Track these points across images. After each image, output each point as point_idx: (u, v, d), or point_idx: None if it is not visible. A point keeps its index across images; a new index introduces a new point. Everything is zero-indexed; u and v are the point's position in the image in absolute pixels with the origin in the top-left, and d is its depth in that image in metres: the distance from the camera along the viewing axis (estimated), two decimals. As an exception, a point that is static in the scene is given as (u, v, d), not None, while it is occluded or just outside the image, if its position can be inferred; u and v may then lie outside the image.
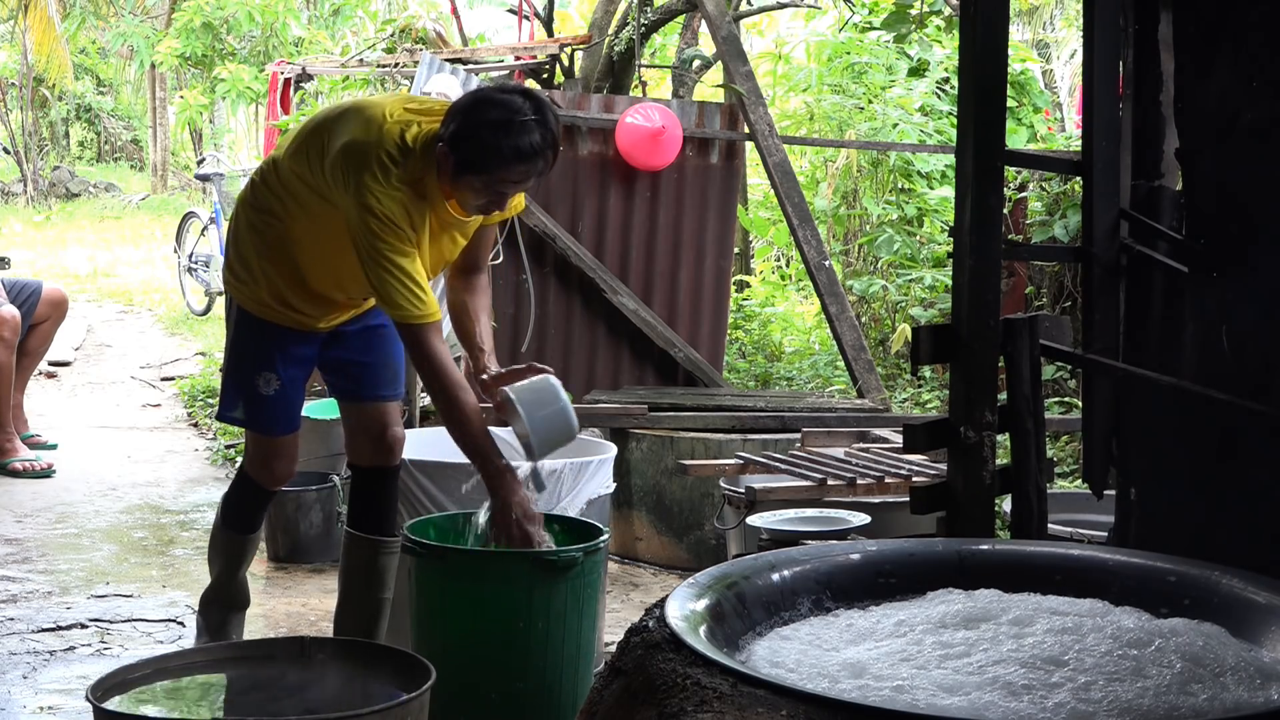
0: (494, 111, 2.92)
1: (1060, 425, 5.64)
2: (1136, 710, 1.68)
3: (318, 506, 4.93)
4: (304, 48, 16.16)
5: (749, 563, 2.16)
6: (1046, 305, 7.06)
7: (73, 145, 25.73)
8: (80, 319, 10.08)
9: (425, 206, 3.02)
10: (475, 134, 2.92)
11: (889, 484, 4.07)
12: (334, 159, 2.99)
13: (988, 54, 2.68)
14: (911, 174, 8.31)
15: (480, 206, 3.04)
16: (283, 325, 3.27)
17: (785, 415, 5.42)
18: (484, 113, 2.93)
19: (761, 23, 11.20)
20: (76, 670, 3.68)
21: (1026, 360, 2.72)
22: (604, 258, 6.04)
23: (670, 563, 5.15)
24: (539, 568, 3.09)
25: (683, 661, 1.74)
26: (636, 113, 5.91)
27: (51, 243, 15.78)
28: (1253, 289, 2.49)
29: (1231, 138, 2.52)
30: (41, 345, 6.43)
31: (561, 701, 3.16)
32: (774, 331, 8.46)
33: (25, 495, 5.69)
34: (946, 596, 2.10)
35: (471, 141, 2.92)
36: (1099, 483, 2.81)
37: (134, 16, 20.04)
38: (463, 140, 2.92)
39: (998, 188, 2.70)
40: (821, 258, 6.15)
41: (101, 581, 4.56)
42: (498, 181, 2.96)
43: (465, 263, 3.31)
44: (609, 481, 3.93)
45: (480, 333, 3.31)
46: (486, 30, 12.57)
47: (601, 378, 6.08)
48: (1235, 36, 2.52)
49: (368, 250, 2.93)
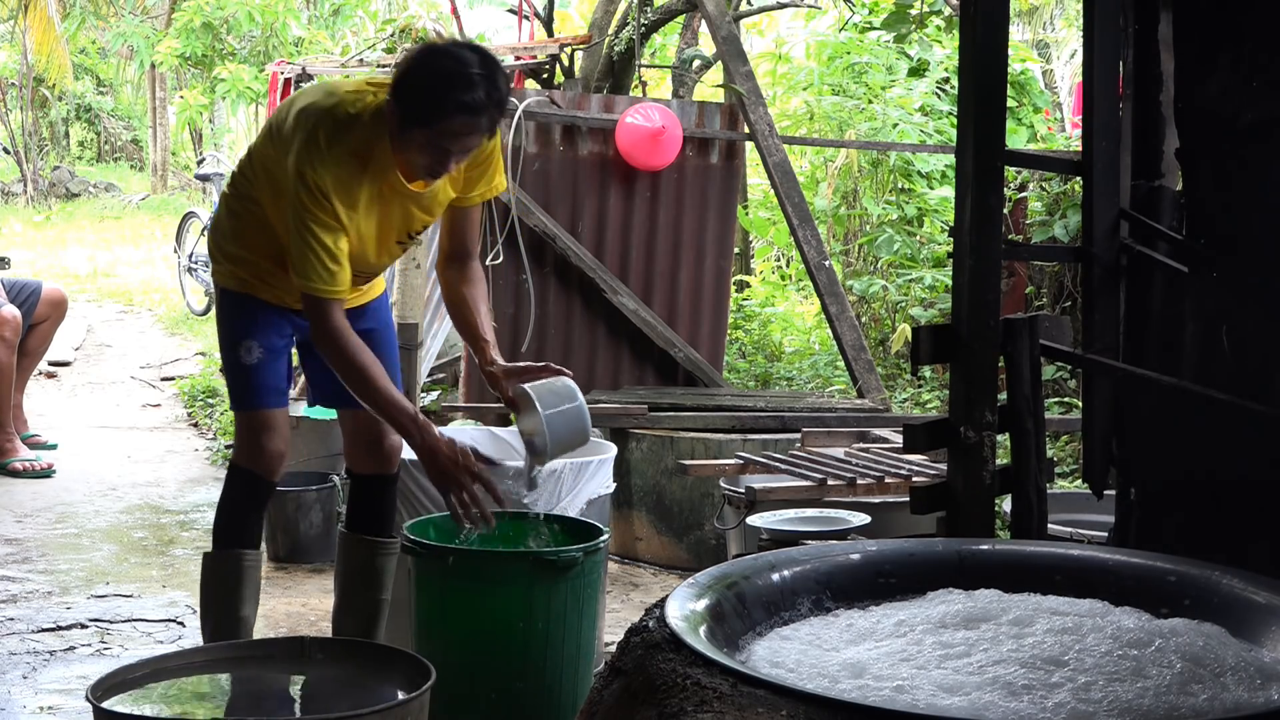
0: (441, 62, 2.89)
1: (1060, 425, 5.64)
2: (1136, 710, 1.68)
3: (318, 506, 4.94)
4: (304, 48, 16.17)
5: (749, 563, 2.16)
6: (1046, 305, 7.06)
7: (73, 145, 25.72)
8: (80, 319, 10.08)
9: (368, 178, 2.99)
10: (420, 83, 2.88)
11: (889, 484, 4.07)
12: (288, 127, 3.00)
13: (988, 54, 2.68)
14: (911, 174, 8.32)
15: (425, 167, 2.97)
16: (262, 298, 3.24)
17: (785, 415, 5.42)
18: (431, 63, 2.90)
19: (761, 23, 11.20)
20: (76, 670, 3.68)
21: (1026, 360, 2.72)
22: (604, 258, 6.04)
23: (670, 563, 5.15)
24: (539, 568, 3.10)
25: (683, 661, 1.74)
26: (636, 113, 5.91)
27: (51, 243, 15.77)
28: (1253, 289, 2.50)
29: (1231, 138, 2.52)
30: (41, 345, 6.43)
31: (561, 701, 3.16)
32: (774, 331, 8.47)
33: (25, 495, 5.69)
34: (946, 596, 2.10)
35: (415, 91, 2.88)
36: (1099, 483, 2.81)
37: (134, 16, 20.04)
38: (407, 90, 2.89)
39: (998, 188, 2.70)
40: (821, 258, 6.15)
41: (101, 581, 4.56)
42: (439, 135, 2.89)
43: (452, 249, 3.28)
44: (609, 481, 3.93)
45: (481, 324, 3.28)
46: (486, 30, 12.57)
47: (601, 378, 6.08)
48: (1235, 36, 2.52)
49: (294, 216, 2.94)
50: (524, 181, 5.89)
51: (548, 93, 6.27)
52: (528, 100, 5.93)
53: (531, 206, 5.87)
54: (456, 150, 2.95)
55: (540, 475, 3.33)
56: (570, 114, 5.98)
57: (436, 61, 2.90)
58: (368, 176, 2.99)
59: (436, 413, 5.66)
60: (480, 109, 2.87)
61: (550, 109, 5.97)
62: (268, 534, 5.01)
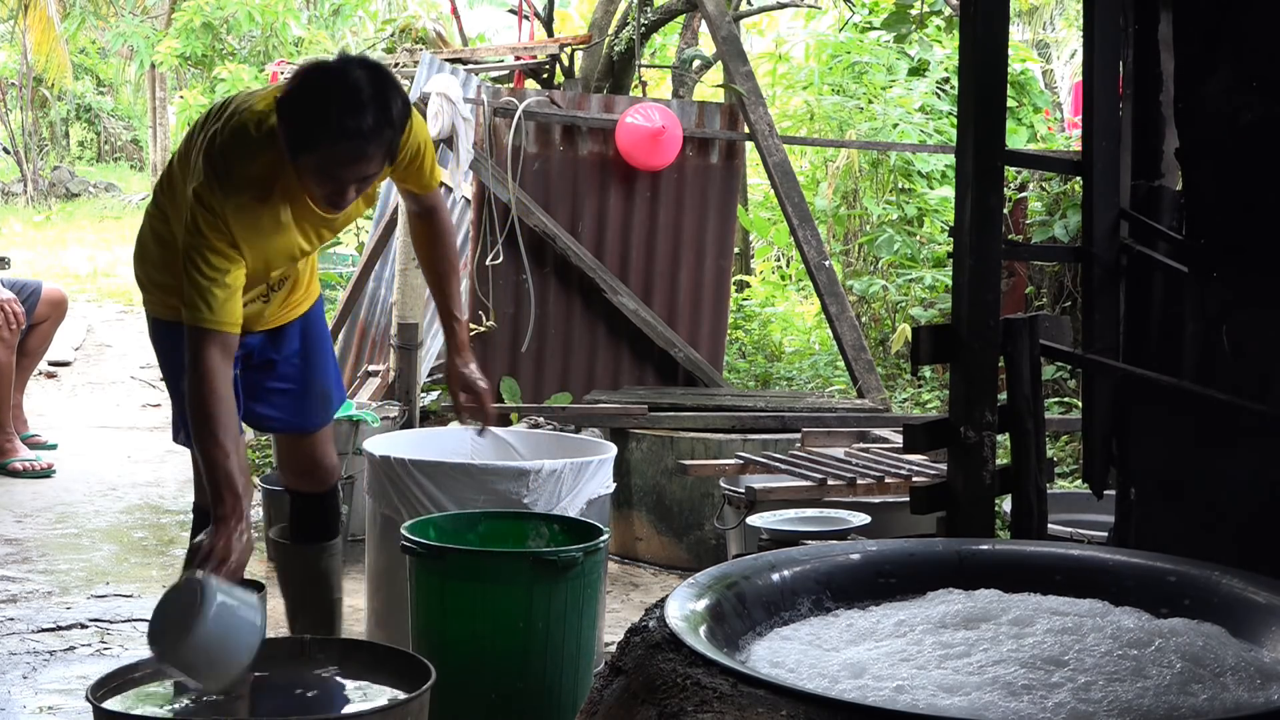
0: (325, 82, 2.66)
1: (1060, 425, 5.65)
2: (1136, 710, 1.68)
3: (318, 506, 4.93)
4: (304, 48, 16.15)
5: (749, 563, 2.16)
6: (1046, 305, 7.06)
7: (73, 145, 25.73)
8: (80, 319, 10.08)
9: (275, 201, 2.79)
10: (302, 107, 2.65)
11: (889, 484, 4.07)
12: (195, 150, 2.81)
13: (988, 54, 2.68)
14: (911, 174, 8.32)
15: (325, 197, 2.76)
16: None
17: (785, 415, 5.42)
18: (314, 84, 2.67)
19: (761, 23, 11.20)
20: (76, 670, 3.68)
21: (1026, 360, 2.72)
22: (604, 258, 6.04)
23: (670, 563, 5.15)
24: (539, 568, 3.10)
25: (683, 661, 1.74)
26: (636, 113, 5.91)
27: (51, 243, 15.78)
28: (1253, 289, 2.50)
29: (1231, 138, 2.52)
30: (41, 345, 6.43)
31: (561, 701, 3.16)
32: (774, 331, 8.47)
33: (25, 495, 5.69)
34: (946, 596, 2.10)
35: (298, 116, 2.65)
36: (1099, 483, 2.81)
37: (134, 16, 20.02)
38: (290, 114, 2.66)
39: (998, 188, 2.70)
40: (821, 258, 6.15)
41: (101, 581, 4.56)
42: (328, 163, 2.67)
43: (416, 206, 3.13)
44: (609, 481, 3.93)
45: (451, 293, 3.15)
46: (486, 30, 12.58)
47: (601, 378, 6.08)
48: (1235, 36, 2.52)
49: (186, 242, 2.73)
50: (524, 181, 5.89)
51: (548, 93, 6.28)
52: (528, 100, 5.93)
53: (531, 206, 5.87)
54: (351, 179, 2.72)
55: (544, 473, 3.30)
56: (570, 114, 5.98)
57: (320, 82, 2.67)
58: (274, 199, 2.80)
59: (436, 413, 5.66)
60: (368, 135, 2.63)
61: (550, 109, 5.97)
62: (267, 534, 5.02)
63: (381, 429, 5.00)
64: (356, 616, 4.24)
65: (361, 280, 6.64)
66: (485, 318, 5.91)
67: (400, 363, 5.33)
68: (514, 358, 5.99)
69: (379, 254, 6.60)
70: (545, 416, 5.17)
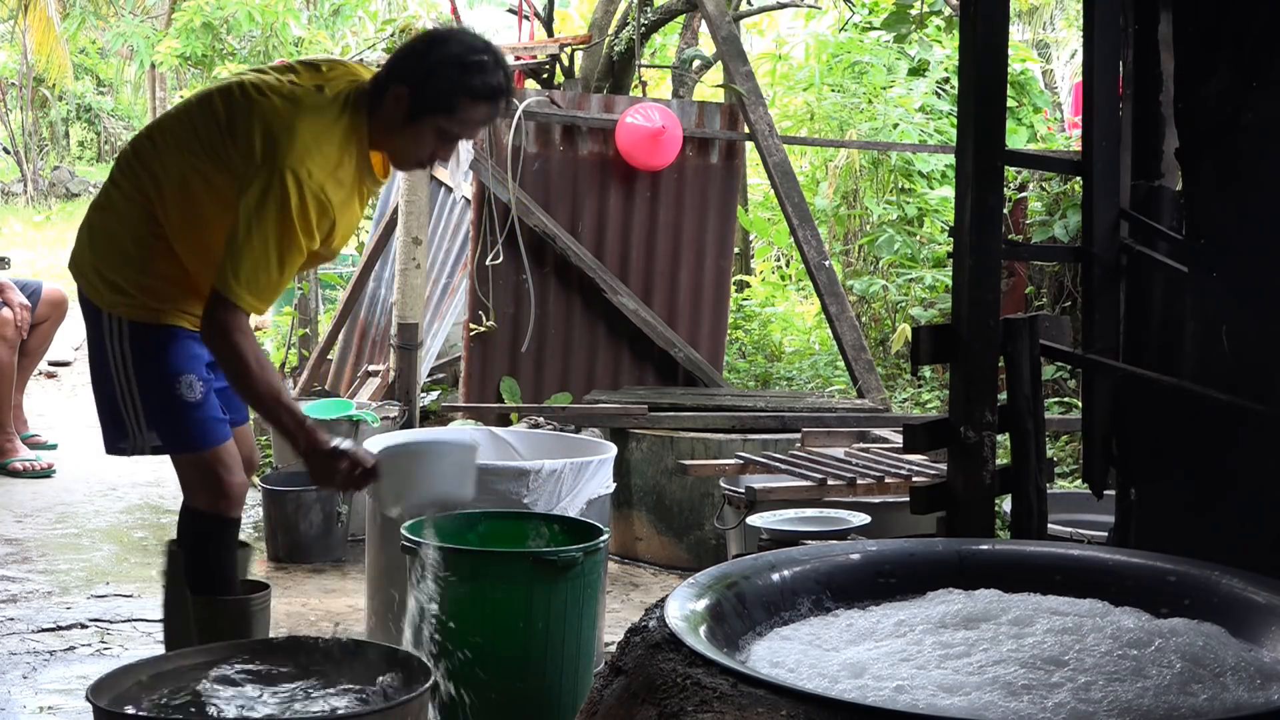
0: (457, 49, 2.80)
1: (1060, 425, 5.65)
2: (1136, 710, 1.68)
3: (317, 506, 4.93)
4: (304, 48, 16.13)
5: (749, 563, 2.16)
6: (1046, 305, 7.06)
7: (73, 145, 25.71)
8: (80, 319, 10.07)
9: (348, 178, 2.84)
10: (440, 71, 2.78)
11: (889, 484, 4.07)
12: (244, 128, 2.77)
13: (988, 54, 2.68)
14: (912, 174, 8.32)
15: (427, 156, 2.90)
16: (180, 326, 2.98)
17: (785, 415, 5.42)
18: (446, 50, 2.81)
19: (761, 23, 11.19)
20: (76, 670, 3.68)
21: (1026, 360, 2.72)
22: (604, 258, 6.04)
23: (670, 563, 5.15)
24: (539, 568, 3.09)
25: (683, 661, 1.74)
26: (636, 113, 5.91)
27: (51, 243, 15.76)
28: (1253, 289, 2.50)
29: (1231, 138, 2.52)
30: (41, 345, 6.43)
31: (561, 701, 3.16)
32: (774, 331, 8.47)
33: (25, 495, 5.69)
34: (946, 596, 2.10)
35: (436, 79, 2.78)
36: (1099, 483, 2.81)
37: (134, 16, 20.02)
38: (426, 78, 2.78)
39: (998, 188, 2.70)
40: (821, 258, 6.15)
41: (101, 581, 4.56)
42: (458, 123, 2.83)
43: None
44: (609, 481, 3.93)
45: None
46: (487, 30, 12.57)
47: (601, 378, 6.08)
48: (1235, 36, 2.52)
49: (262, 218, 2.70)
50: (524, 181, 5.89)
51: (548, 93, 6.27)
52: (528, 100, 5.93)
53: (531, 206, 5.87)
54: (467, 137, 2.95)
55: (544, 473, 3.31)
56: (570, 114, 5.98)
57: (451, 49, 2.81)
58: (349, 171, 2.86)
59: (436, 413, 5.66)
60: (500, 94, 2.83)
61: (550, 109, 5.96)
62: (267, 534, 5.02)
63: (381, 429, 5.01)
64: (356, 616, 4.24)
65: (361, 280, 6.65)
66: (485, 318, 5.91)
67: (400, 363, 5.33)
68: (514, 358, 5.99)
69: (379, 254, 6.60)
70: (545, 416, 5.17)
